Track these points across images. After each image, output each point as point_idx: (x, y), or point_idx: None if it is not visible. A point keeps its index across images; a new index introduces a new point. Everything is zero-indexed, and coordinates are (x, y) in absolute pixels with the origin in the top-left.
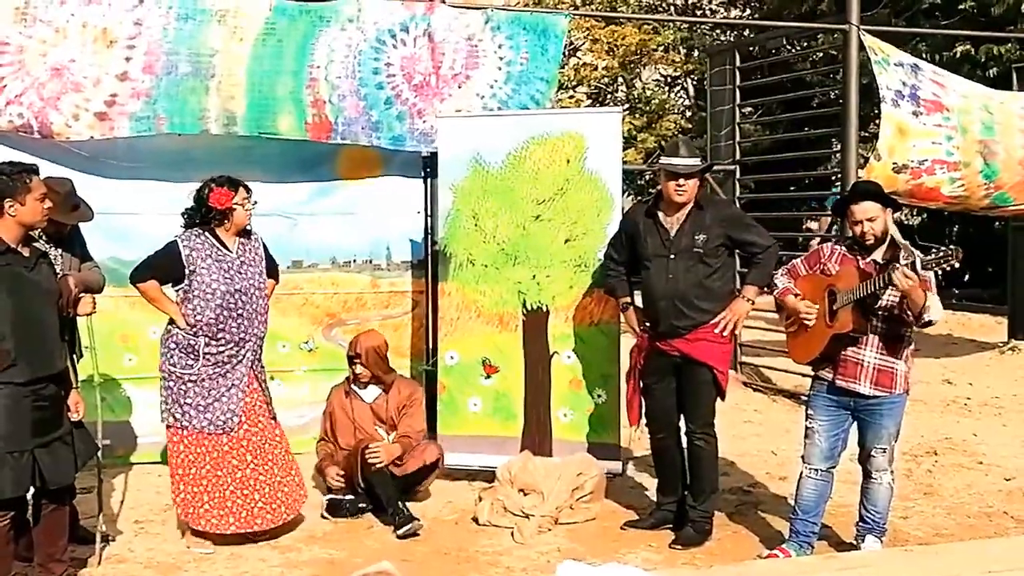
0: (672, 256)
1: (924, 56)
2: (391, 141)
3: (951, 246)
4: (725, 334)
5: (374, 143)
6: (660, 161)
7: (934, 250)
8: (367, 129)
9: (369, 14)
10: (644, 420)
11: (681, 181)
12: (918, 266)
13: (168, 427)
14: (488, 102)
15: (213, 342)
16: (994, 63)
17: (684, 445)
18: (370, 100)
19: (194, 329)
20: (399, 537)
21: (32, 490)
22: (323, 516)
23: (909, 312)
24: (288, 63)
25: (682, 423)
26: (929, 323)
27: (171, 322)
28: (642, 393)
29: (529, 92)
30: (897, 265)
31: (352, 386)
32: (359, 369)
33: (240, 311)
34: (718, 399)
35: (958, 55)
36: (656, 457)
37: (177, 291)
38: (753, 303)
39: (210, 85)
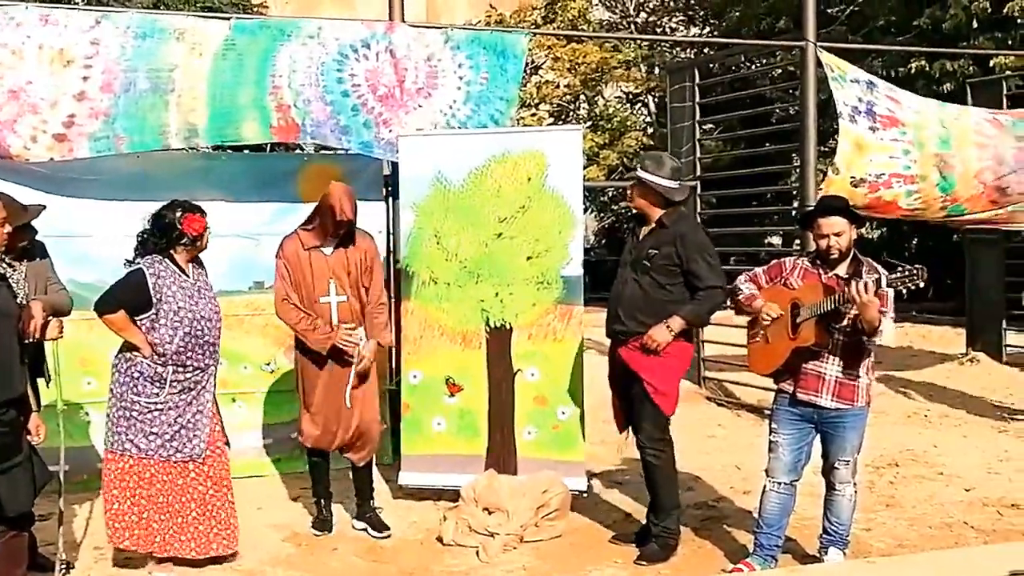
0: (628, 265)
1: (880, 72)
2: (361, 146)
3: (917, 266)
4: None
5: (344, 146)
6: None
7: (899, 268)
8: (336, 132)
9: (330, 32)
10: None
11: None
12: (883, 283)
13: (121, 455)
14: (448, 122)
15: (180, 369)
16: (948, 79)
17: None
18: (336, 106)
19: (162, 358)
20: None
21: None
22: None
23: (864, 330)
24: (249, 74)
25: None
26: (878, 344)
27: (129, 349)
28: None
29: (489, 112)
30: (865, 278)
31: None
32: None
33: (205, 337)
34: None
35: (913, 71)
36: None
37: (141, 320)
38: (673, 332)
39: (170, 100)
